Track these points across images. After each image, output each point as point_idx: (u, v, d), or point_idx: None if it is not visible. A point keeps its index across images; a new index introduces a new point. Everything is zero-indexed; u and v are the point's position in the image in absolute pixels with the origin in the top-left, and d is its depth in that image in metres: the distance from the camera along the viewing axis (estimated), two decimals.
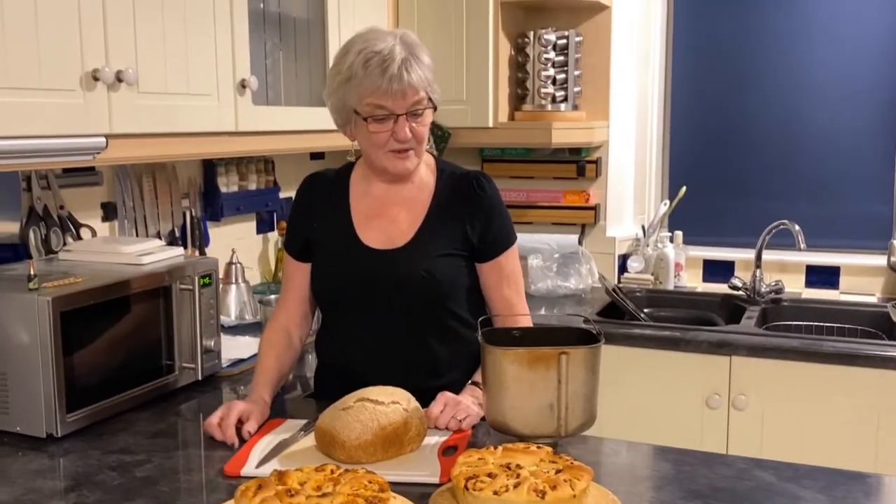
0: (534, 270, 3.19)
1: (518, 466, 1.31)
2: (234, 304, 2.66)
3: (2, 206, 2.03)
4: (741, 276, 3.16)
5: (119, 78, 1.78)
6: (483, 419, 1.67)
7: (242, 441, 1.64)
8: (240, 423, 1.68)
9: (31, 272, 1.70)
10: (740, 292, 3.10)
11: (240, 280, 2.70)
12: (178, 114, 1.99)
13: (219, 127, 2.13)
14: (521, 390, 1.52)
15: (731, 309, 3.06)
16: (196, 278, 1.99)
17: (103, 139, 1.78)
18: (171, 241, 2.51)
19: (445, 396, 1.69)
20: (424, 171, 1.86)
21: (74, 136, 1.72)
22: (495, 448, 1.39)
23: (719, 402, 2.57)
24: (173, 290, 1.96)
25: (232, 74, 2.16)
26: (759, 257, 3.09)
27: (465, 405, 1.68)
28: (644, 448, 1.68)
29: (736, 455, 1.63)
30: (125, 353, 1.86)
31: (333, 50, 2.60)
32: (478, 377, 1.74)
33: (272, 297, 2.62)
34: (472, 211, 1.82)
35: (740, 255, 3.32)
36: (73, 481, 1.50)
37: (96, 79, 1.74)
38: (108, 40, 1.78)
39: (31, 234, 2.10)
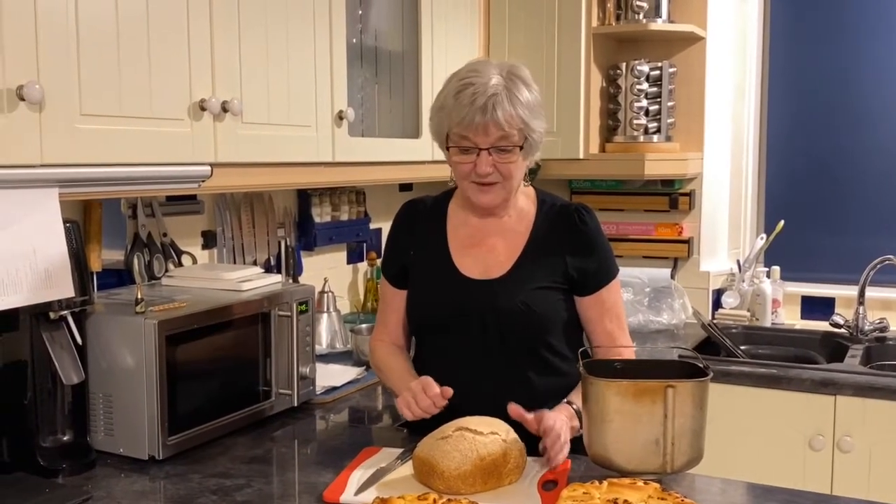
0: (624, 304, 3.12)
1: (626, 502, 1.27)
2: (326, 332, 2.68)
3: (108, 233, 2.08)
4: (842, 313, 3.04)
5: (224, 108, 1.82)
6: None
7: None
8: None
9: (139, 296, 1.74)
10: (842, 330, 2.98)
11: (331, 309, 2.72)
12: (279, 144, 2.03)
13: (317, 157, 2.16)
14: (626, 424, 1.48)
15: (833, 347, 2.95)
16: (294, 305, 2.00)
17: (208, 168, 1.82)
18: (267, 270, 2.54)
19: (554, 429, 1.60)
20: (524, 202, 1.84)
21: (182, 164, 1.76)
22: (600, 483, 1.36)
23: (823, 443, 2.46)
24: (272, 316, 1.98)
25: (330, 106, 2.20)
26: (862, 293, 2.97)
27: (563, 441, 1.59)
28: (751, 487, 1.61)
29: (850, 497, 1.55)
30: (224, 378, 1.88)
31: (426, 83, 2.63)
32: (573, 398, 1.70)
33: (363, 326, 2.63)
34: (572, 244, 1.78)
35: (840, 292, 3.19)
36: (176, 503, 1.52)
37: (203, 108, 1.78)
38: (214, 71, 1.82)
39: (135, 261, 2.15)
